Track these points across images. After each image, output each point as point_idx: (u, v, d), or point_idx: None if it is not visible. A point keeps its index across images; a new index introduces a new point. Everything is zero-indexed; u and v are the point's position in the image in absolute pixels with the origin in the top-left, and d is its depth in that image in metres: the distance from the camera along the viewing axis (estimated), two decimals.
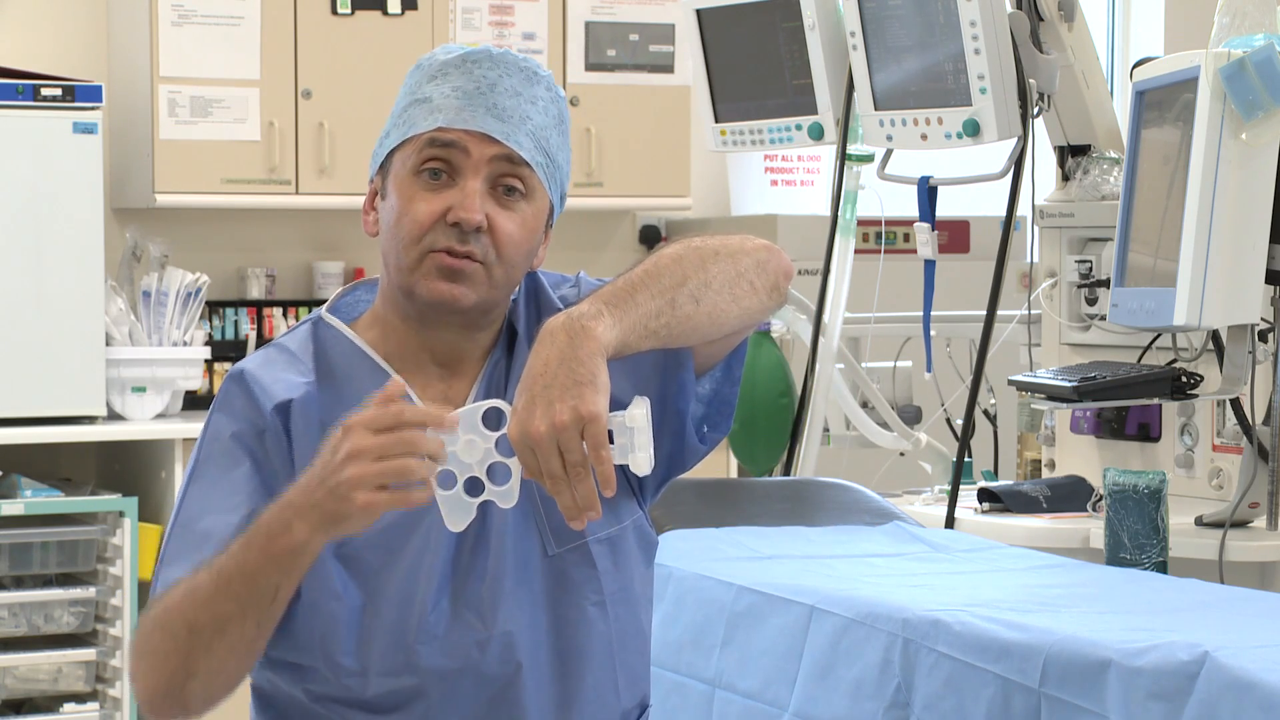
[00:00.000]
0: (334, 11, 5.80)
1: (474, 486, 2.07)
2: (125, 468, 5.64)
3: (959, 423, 4.14)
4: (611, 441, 2.04)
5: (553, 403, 2.01)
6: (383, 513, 2.04)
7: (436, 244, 2.23)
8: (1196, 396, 3.54)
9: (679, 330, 2.16)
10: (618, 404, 2.07)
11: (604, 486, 2.02)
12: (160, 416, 5.55)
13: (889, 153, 4.18)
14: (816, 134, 4.30)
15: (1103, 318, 3.96)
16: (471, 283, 2.24)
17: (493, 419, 2.08)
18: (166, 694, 2.14)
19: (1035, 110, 3.84)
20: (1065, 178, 4.10)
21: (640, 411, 2.04)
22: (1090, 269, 4.00)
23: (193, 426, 5.40)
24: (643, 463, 2.05)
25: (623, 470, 2.14)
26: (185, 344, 5.57)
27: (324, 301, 2.42)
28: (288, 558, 2.07)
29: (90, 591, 5.33)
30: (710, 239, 2.22)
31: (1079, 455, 4.05)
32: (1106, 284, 3.88)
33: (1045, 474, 4.13)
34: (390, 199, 2.27)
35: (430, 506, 2.22)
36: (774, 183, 6.53)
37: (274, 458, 2.24)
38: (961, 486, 3.90)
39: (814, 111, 4.28)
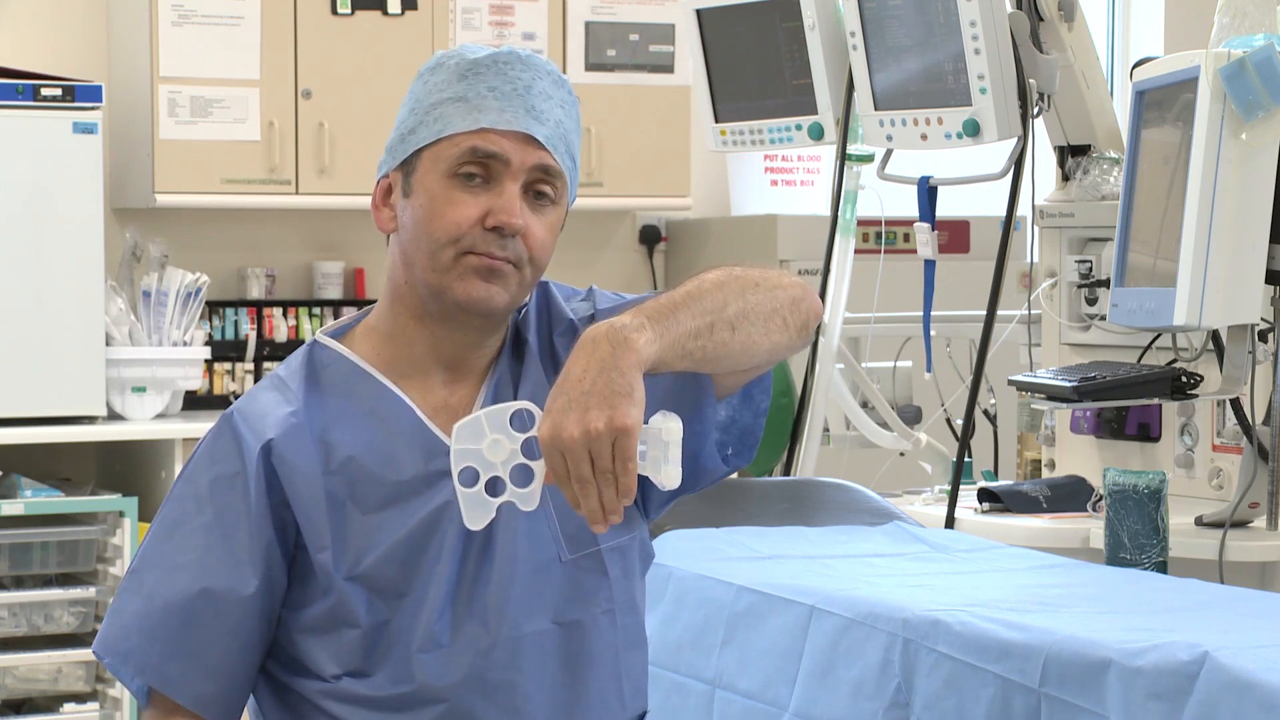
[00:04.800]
0: (334, 11, 5.80)
1: (495, 486, 2.07)
2: (125, 468, 5.64)
3: (959, 423, 4.14)
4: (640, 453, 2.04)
5: (589, 409, 2.01)
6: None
7: (475, 247, 2.23)
8: (1196, 396, 3.54)
9: (713, 355, 2.16)
10: None
11: (624, 496, 2.02)
12: (160, 416, 5.55)
13: (889, 153, 4.17)
14: (816, 134, 4.30)
15: (1103, 318, 3.96)
16: (506, 283, 2.25)
17: (521, 421, 2.08)
18: None
19: (1035, 110, 3.84)
20: (1065, 178, 4.10)
21: (676, 425, 2.05)
22: (1090, 269, 4.00)
23: (193, 426, 5.41)
24: (673, 477, 2.06)
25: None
26: (185, 344, 5.57)
27: (325, 302, 2.43)
28: None
29: (90, 591, 5.33)
30: (751, 270, 2.23)
31: (1079, 455, 4.05)
32: (1106, 284, 3.88)
33: (1045, 474, 4.13)
34: (419, 198, 2.26)
35: (443, 519, 2.22)
36: (774, 183, 6.53)
37: (247, 504, 2.24)
38: (961, 486, 3.90)
39: (814, 111, 4.28)
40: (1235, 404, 3.61)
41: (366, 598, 2.22)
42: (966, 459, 4.00)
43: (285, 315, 5.97)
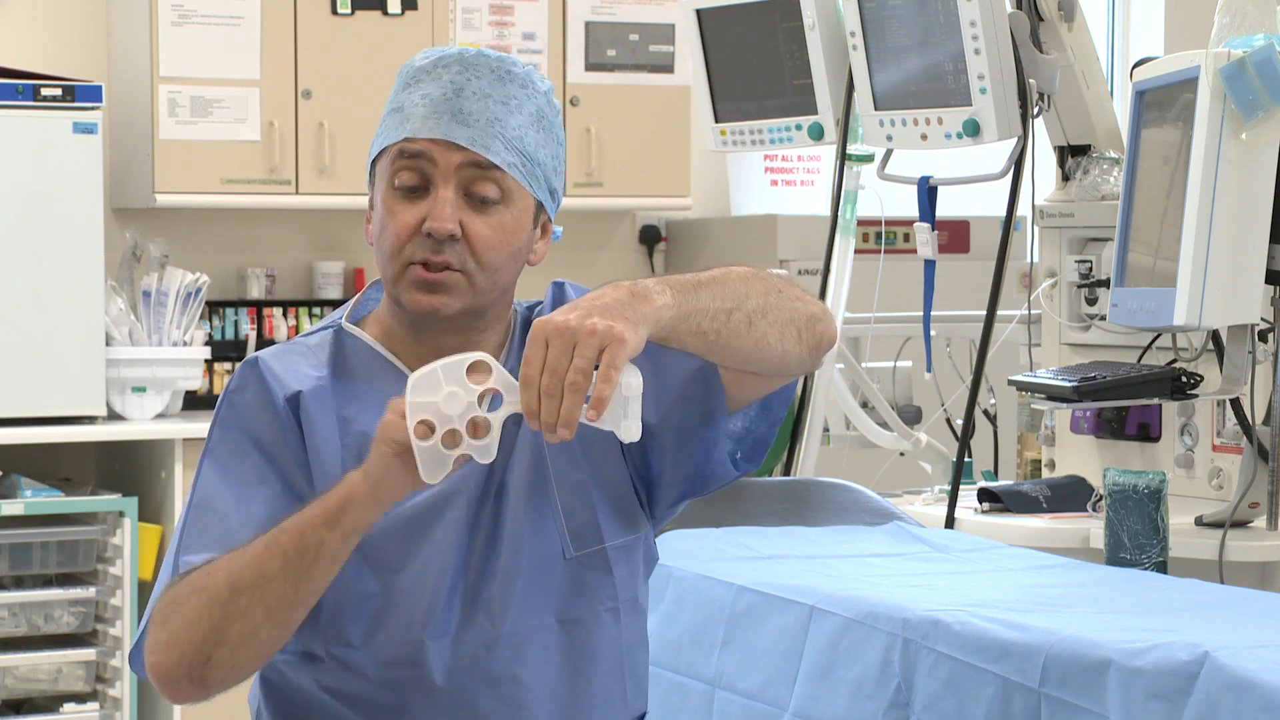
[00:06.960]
0: (334, 11, 5.80)
1: (453, 440, 2.07)
2: (125, 468, 5.64)
3: (959, 423, 4.14)
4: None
5: (592, 315, 2.01)
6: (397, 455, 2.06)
7: (414, 256, 2.25)
8: (1196, 396, 3.54)
9: (724, 343, 2.16)
10: None
11: (594, 405, 1.99)
12: (160, 416, 5.55)
13: (889, 153, 4.17)
14: (816, 134, 4.30)
15: (1103, 318, 3.96)
16: (452, 292, 2.26)
17: (478, 373, 2.07)
18: (191, 665, 2.13)
19: (1035, 110, 3.84)
20: (1065, 178, 4.10)
21: (637, 380, 2.04)
22: (1090, 269, 4.00)
23: (193, 426, 5.41)
24: (633, 431, 2.04)
25: (635, 484, 2.11)
26: (185, 344, 5.57)
27: (325, 302, 2.45)
28: (336, 509, 2.09)
29: (90, 591, 5.33)
30: (777, 278, 2.24)
31: (1079, 455, 4.05)
32: (1106, 284, 3.88)
33: (1045, 474, 4.13)
34: (375, 211, 2.31)
35: (449, 505, 2.23)
36: (774, 183, 6.53)
37: (288, 448, 2.26)
38: (961, 486, 3.90)
39: (814, 111, 4.28)
40: (1235, 404, 3.61)
41: (357, 565, 2.22)
42: (966, 459, 4.00)
43: (285, 315, 5.97)
